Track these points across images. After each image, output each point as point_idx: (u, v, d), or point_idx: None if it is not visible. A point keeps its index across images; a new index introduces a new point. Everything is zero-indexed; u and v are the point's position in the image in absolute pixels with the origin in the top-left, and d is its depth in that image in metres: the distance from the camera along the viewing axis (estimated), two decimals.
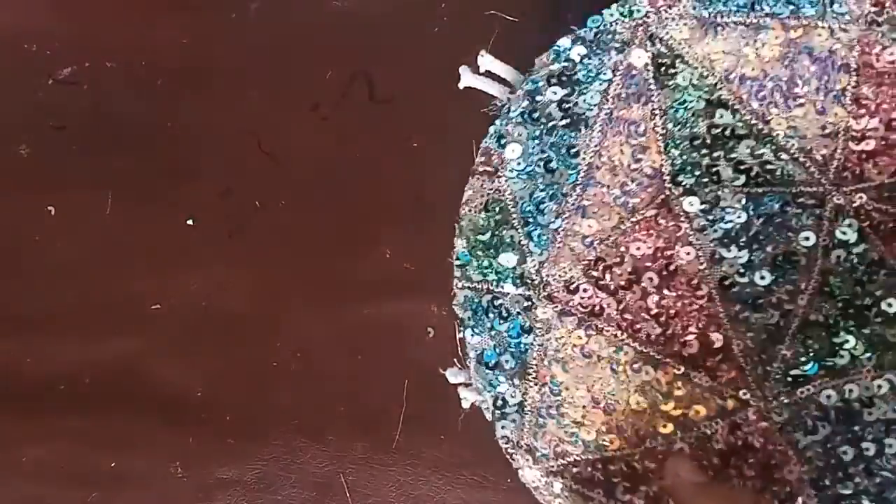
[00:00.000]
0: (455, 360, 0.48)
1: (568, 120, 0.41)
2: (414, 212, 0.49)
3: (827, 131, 0.39)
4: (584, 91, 0.41)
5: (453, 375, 0.44)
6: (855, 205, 0.39)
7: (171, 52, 0.51)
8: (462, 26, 0.49)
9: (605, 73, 0.40)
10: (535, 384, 0.42)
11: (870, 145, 0.39)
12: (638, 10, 0.40)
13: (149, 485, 0.49)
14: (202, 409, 0.49)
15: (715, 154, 0.40)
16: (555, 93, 0.41)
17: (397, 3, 0.50)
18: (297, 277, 0.50)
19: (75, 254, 0.51)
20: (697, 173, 0.40)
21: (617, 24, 0.40)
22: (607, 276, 0.41)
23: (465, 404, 0.44)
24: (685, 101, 0.40)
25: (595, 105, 0.41)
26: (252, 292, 0.50)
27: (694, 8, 0.40)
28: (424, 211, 0.49)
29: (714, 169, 0.40)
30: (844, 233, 0.39)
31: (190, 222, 0.50)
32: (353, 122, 0.50)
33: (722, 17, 0.40)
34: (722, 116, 0.40)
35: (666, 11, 0.40)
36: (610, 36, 0.41)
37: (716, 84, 0.40)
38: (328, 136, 0.50)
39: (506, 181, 0.42)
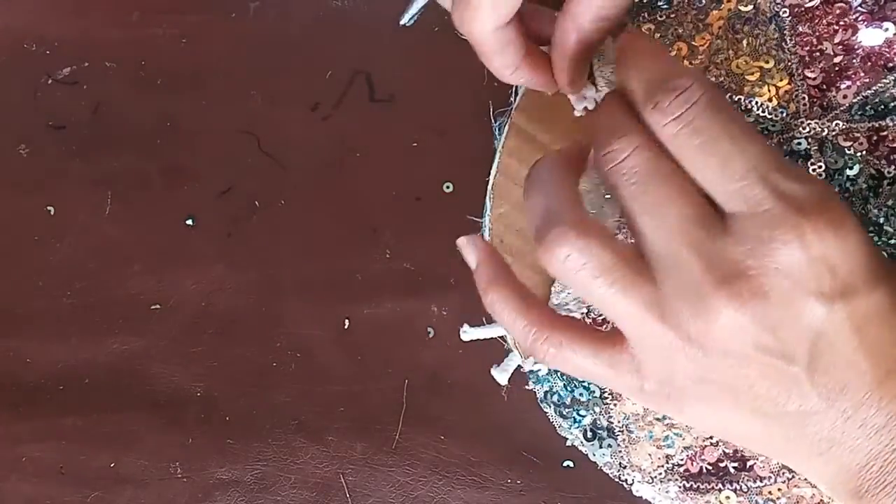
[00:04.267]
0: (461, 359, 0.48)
1: None
2: (414, 212, 0.49)
3: (782, 78, 0.41)
4: None
5: (499, 374, 0.45)
6: (834, 132, 0.40)
7: (171, 52, 0.51)
8: None
9: None
10: (615, 404, 0.42)
11: (825, 75, 0.41)
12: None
13: (148, 485, 0.49)
14: (201, 409, 0.49)
15: None
16: None
17: (397, 3, 0.50)
18: (297, 277, 0.50)
19: (75, 254, 0.51)
20: None
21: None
22: None
23: (500, 381, 0.45)
24: None
25: None
26: (252, 292, 0.50)
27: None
28: (424, 211, 0.49)
29: None
30: (835, 161, 0.40)
31: (190, 222, 0.50)
32: (353, 122, 0.50)
33: (645, 17, 0.41)
34: None
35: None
36: None
37: None
38: (328, 136, 0.50)
39: None
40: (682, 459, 0.41)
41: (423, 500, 0.47)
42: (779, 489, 0.40)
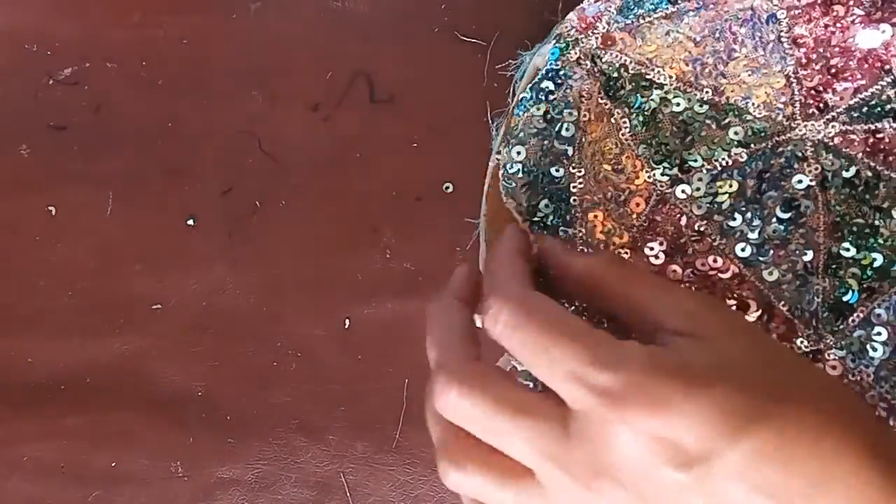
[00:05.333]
0: None
1: (551, 157, 0.42)
2: (414, 212, 0.49)
3: (779, 80, 0.41)
4: (560, 126, 0.42)
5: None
6: (831, 134, 0.40)
7: (171, 52, 0.51)
8: (462, 26, 0.49)
9: (573, 103, 0.42)
10: None
11: (822, 77, 0.41)
12: (572, 39, 0.43)
13: (149, 484, 0.49)
14: (202, 408, 0.49)
15: (688, 139, 0.41)
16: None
17: (397, 3, 0.50)
18: (297, 277, 0.50)
19: (75, 254, 0.51)
20: (677, 162, 0.41)
21: (562, 58, 0.42)
22: None
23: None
24: (640, 105, 0.42)
25: (570, 136, 0.42)
26: (252, 292, 0.50)
27: (617, 21, 0.42)
28: (424, 211, 0.49)
29: (691, 152, 0.41)
30: (832, 163, 0.40)
31: (190, 222, 0.50)
32: (353, 122, 0.50)
33: (644, 18, 0.41)
34: (679, 105, 0.41)
35: (593, 32, 0.43)
36: (565, 68, 0.43)
37: (661, 78, 0.41)
38: (328, 136, 0.50)
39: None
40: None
41: (423, 499, 0.47)
42: None
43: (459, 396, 0.32)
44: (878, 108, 0.40)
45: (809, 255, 0.40)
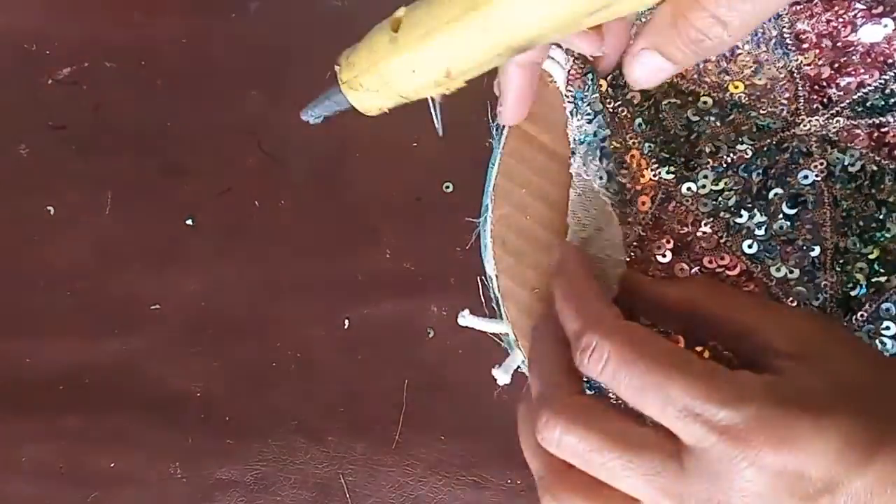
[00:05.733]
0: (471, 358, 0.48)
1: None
2: (414, 212, 0.49)
3: (781, 76, 0.41)
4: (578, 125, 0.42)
5: (501, 374, 0.45)
6: (834, 129, 0.40)
7: (171, 52, 0.51)
8: None
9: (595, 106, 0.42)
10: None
11: (825, 72, 0.41)
12: None
13: (148, 485, 0.49)
14: (201, 409, 0.49)
15: (692, 136, 0.41)
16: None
17: (397, 4, 0.50)
18: (297, 277, 0.50)
19: (75, 254, 0.51)
20: (682, 159, 0.41)
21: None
22: None
23: (502, 382, 0.44)
24: (642, 105, 0.41)
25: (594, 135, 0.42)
26: (252, 292, 0.50)
27: None
28: (424, 211, 0.49)
29: (696, 149, 0.41)
30: (838, 158, 0.40)
31: (189, 222, 0.50)
32: (353, 122, 0.50)
33: (647, 16, 0.41)
34: (682, 102, 0.41)
35: None
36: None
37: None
38: (328, 136, 0.50)
39: None
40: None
41: (422, 500, 0.47)
42: None
43: (565, 433, 0.31)
44: (882, 103, 0.40)
45: (816, 251, 0.40)
